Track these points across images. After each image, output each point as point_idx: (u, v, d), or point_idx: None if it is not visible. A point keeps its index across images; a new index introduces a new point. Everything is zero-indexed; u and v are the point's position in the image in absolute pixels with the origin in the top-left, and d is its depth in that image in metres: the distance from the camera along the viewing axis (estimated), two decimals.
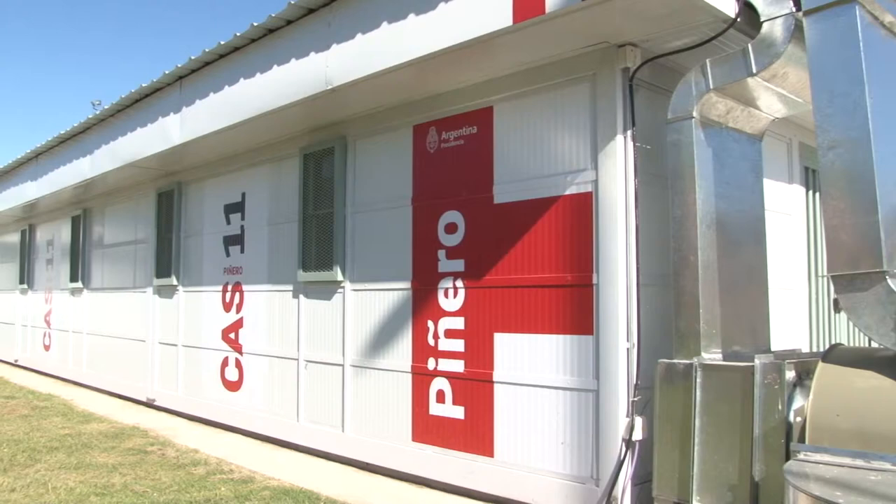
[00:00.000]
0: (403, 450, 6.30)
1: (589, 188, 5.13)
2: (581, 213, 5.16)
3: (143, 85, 8.68)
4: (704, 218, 4.65)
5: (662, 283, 5.01)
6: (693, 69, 4.74)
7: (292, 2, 6.23)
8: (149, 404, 10.36)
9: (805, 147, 7.16)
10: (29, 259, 15.74)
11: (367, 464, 6.66)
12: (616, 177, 4.97)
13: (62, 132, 11.36)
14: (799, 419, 3.93)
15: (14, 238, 16.61)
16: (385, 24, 5.65)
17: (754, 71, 4.46)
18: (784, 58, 4.40)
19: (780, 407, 3.99)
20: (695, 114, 4.69)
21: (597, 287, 5.03)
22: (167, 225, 10.10)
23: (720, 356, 4.59)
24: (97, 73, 73.63)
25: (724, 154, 4.89)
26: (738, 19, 4.56)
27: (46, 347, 14.61)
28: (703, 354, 4.50)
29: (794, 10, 4.32)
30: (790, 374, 4.04)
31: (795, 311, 6.90)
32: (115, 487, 5.99)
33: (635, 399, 4.85)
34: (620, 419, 4.86)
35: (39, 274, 15.25)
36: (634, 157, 4.96)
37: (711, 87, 4.63)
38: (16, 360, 16.07)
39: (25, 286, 15.76)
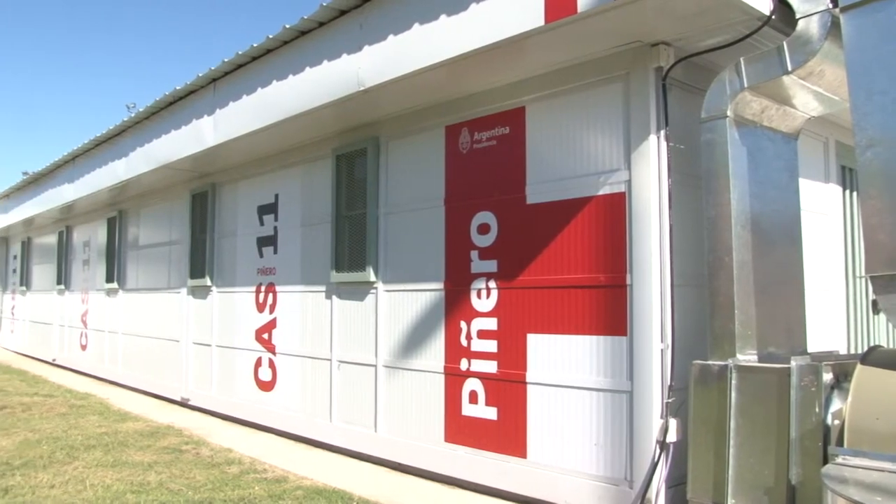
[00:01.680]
0: (436, 450, 6.30)
1: (622, 188, 5.10)
2: (614, 213, 5.14)
3: (178, 88, 8.77)
4: (739, 218, 4.61)
5: (696, 284, 4.97)
6: (727, 68, 4.69)
7: (324, 4, 6.26)
8: (183, 404, 10.46)
9: (842, 146, 7.06)
10: (66, 260, 15.96)
11: (400, 464, 6.68)
12: (649, 177, 4.94)
13: (98, 135, 11.52)
14: (837, 422, 3.88)
15: (52, 239, 16.86)
16: (416, 25, 5.65)
17: (790, 69, 4.41)
18: (820, 55, 4.34)
19: (817, 409, 3.94)
20: (729, 113, 4.64)
21: (630, 288, 5.00)
22: (201, 226, 10.19)
23: (755, 357, 4.54)
24: (132, 77, 74.56)
25: (759, 153, 4.84)
26: (773, 17, 4.51)
27: (83, 347, 14.81)
28: (739, 356, 4.46)
29: (830, 6, 4.26)
30: (827, 377, 3.99)
31: (833, 313, 6.81)
32: (150, 485, 6.05)
33: (669, 400, 4.81)
34: (654, 421, 4.82)
35: (76, 275, 15.46)
36: (668, 157, 4.92)
37: (746, 85, 4.58)
38: (54, 360, 16.31)
39: (63, 287, 15.99)
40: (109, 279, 13.27)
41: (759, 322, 4.64)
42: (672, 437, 4.76)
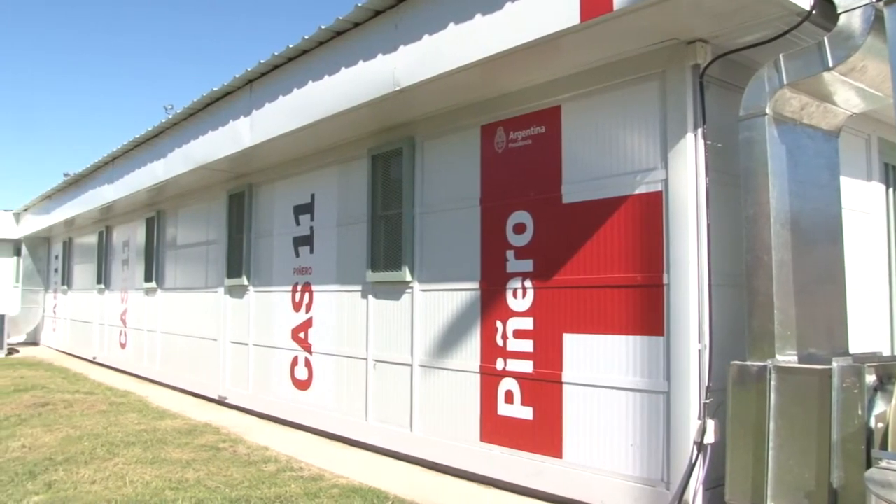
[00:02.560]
0: (471, 450, 6.30)
1: (659, 187, 5.06)
2: (651, 212, 5.09)
3: (214, 89, 8.85)
4: (778, 217, 4.54)
5: (735, 284, 4.91)
6: (766, 65, 4.63)
7: (359, 4, 6.28)
8: (220, 402, 10.57)
9: (885, 142, 6.94)
10: (106, 260, 16.20)
11: (436, 463, 6.68)
12: (687, 175, 4.89)
13: (137, 136, 11.67)
14: (881, 425, 3.81)
15: (92, 239, 17.11)
16: (452, 24, 5.65)
17: (830, 65, 4.34)
18: (863, 50, 4.26)
19: (859, 412, 3.88)
20: (768, 110, 4.58)
21: (667, 287, 4.95)
22: (238, 226, 10.27)
23: (795, 358, 4.48)
24: (169, 78, 75.52)
25: (799, 151, 4.77)
26: (814, 12, 4.44)
27: (122, 345, 15.01)
28: (778, 356, 4.40)
29: (874, 0, 4.19)
30: (870, 378, 3.92)
31: (875, 313, 6.69)
32: (188, 482, 6.12)
33: (707, 401, 4.76)
34: (692, 421, 4.78)
35: (116, 274, 15.68)
36: (705, 156, 4.87)
37: (785, 82, 4.52)
38: (94, 358, 16.56)
39: (102, 286, 16.22)
40: (148, 279, 13.44)
41: (799, 322, 4.57)
42: (710, 438, 4.71)
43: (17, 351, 19.64)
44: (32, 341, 22.04)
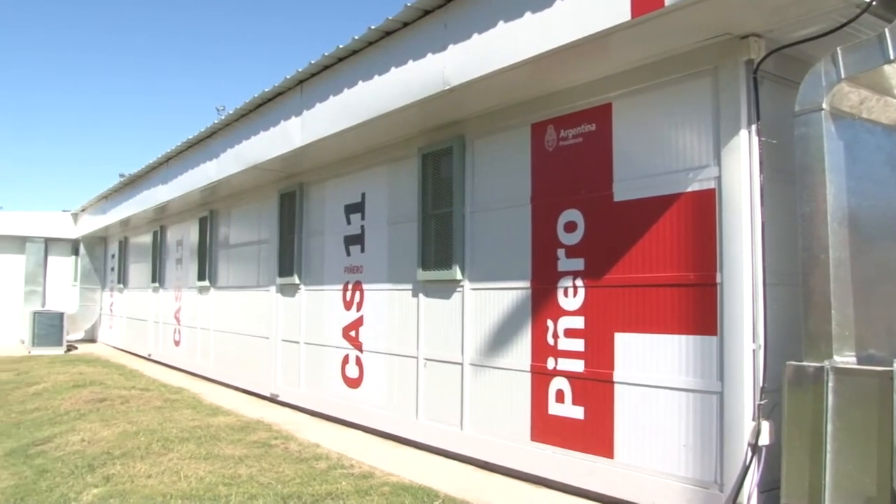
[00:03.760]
0: (522, 449, 6.28)
1: (712, 185, 4.99)
2: (704, 210, 5.02)
3: (266, 90, 8.94)
4: (835, 214, 4.44)
5: (790, 283, 4.81)
6: (823, 58, 4.52)
7: (408, 4, 6.29)
8: (272, 399, 10.68)
9: None
10: (160, 259, 16.48)
11: (486, 462, 6.67)
12: (740, 173, 4.81)
13: (190, 137, 11.85)
14: None
15: (147, 239, 17.42)
16: (501, 23, 5.64)
17: (892, 57, 4.21)
18: None
19: None
20: (824, 105, 4.48)
21: (721, 286, 4.88)
22: (289, 225, 10.37)
23: (854, 359, 4.37)
24: (221, 79, 76.68)
25: (857, 147, 4.66)
26: (874, 3, 4.32)
27: (176, 343, 15.26)
28: (836, 357, 4.30)
29: None
30: None
31: None
32: (241, 478, 6.19)
33: (762, 402, 4.68)
34: (746, 423, 4.70)
35: (170, 273, 15.95)
36: (759, 153, 4.79)
37: (843, 76, 4.41)
38: (149, 355, 16.86)
39: (157, 285, 16.51)
40: (201, 277, 13.64)
41: (858, 322, 4.46)
42: (764, 440, 4.63)
43: (76, 348, 20.10)
44: (90, 338, 22.51)
